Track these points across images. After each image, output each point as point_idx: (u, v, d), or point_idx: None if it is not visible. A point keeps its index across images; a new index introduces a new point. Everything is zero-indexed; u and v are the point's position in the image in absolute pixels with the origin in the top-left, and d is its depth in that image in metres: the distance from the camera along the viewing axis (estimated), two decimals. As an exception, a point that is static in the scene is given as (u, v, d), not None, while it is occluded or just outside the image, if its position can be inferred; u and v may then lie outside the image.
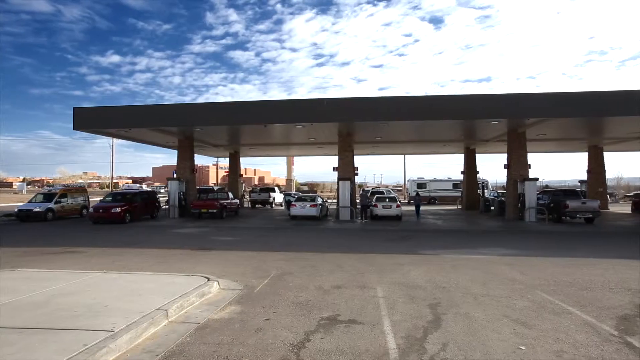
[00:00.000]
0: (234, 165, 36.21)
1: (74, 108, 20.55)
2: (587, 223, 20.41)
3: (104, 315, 5.49)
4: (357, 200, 24.91)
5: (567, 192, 23.46)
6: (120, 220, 20.29)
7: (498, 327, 5.50)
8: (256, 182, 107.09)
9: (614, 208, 32.98)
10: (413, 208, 26.08)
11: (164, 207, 25.32)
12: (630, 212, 27.24)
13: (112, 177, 64.44)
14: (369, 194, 26.97)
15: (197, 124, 21.09)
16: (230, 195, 26.59)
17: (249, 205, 35.60)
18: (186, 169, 25.36)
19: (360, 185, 52.71)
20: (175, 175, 25.60)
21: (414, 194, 34.34)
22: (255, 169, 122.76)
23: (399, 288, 7.58)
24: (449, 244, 13.79)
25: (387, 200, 23.17)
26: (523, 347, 4.80)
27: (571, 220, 21.18)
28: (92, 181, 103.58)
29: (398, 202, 22.87)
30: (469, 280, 8.28)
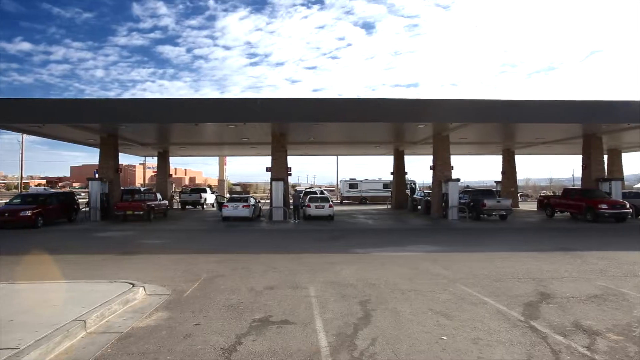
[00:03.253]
0: (163, 165, 34.58)
1: (-26, 99, 18.34)
2: (501, 220, 22.26)
3: (9, 331, 4.95)
4: (290, 201, 24.98)
5: (485, 192, 25.41)
6: (31, 225, 18.44)
7: (423, 319, 5.81)
8: (187, 182, 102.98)
9: (523, 206, 36.34)
10: (345, 208, 26.78)
11: (84, 209, 23.46)
12: (536, 209, 30.22)
13: (22, 177, 58.42)
14: (301, 195, 27.16)
15: (122, 121, 19.82)
16: (159, 196, 25.34)
17: (179, 207, 34.28)
18: (109, 169, 23.71)
19: (293, 186, 52.94)
20: (97, 175, 23.80)
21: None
22: (185, 169, 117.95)
23: (331, 287, 7.72)
24: (379, 243, 14.31)
25: (319, 200, 23.48)
26: (445, 337, 5.12)
27: (488, 218, 22.97)
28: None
29: (330, 203, 23.28)
30: (397, 276, 8.66)
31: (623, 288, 7.59)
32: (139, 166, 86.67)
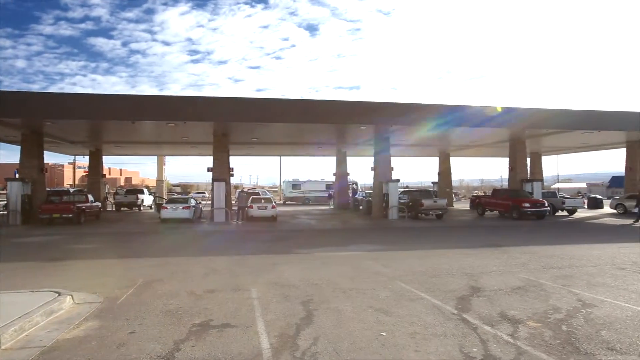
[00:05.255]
0: (95, 165, 32.48)
1: None
2: (437, 219, 23.40)
3: None
4: (234, 202, 24.57)
5: (423, 192, 26.58)
6: (-62, 230, 16.52)
7: (364, 317, 5.96)
8: (122, 183, 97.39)
9: (457, 205, 38.52)
10: (289, 208, 26.80)
11: (1, 212, 21.42)
12: (469, 208, 32.15)
13: None
14: (245, 195, 26.81)
15: (48, 117, 18.33)
16: (90, 197, 23.75)
17: (113, 209, 32.44)
18: (33, 168, 21.82)
19: (236, 187, 52.01)
20: (17, 175, 21.84)
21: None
22: (121, 169, 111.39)
23: (273, 288, 7.69)
24: (322, 243, 14.47)
25: (262, 201, 23.30)
26: (384, 333, 5.29)
27: (425, 217, 24.04)
28: None
29: (273, 203, 23.18)
30: (339, 275, 8.81)
31: (541, 279, 8.30)
32: (68, 165, 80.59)
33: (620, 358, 4.51)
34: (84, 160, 44.68)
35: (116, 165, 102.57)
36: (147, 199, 34.23)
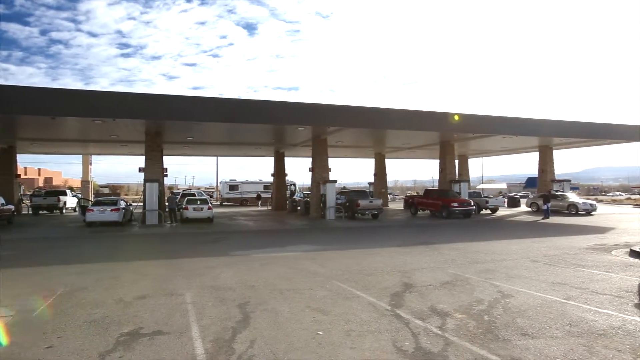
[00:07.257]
0: (8, 164, 29.42)
1: None
2: (373, 218, 24.13)
3: None
4: (166, 204, 23.57)
5: (359, 193, 27.28)
6: None
7: (301, 317, 5.99)
8: (41, 184, 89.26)
9: (392, 205, 40.05)
10: (226, 210, 26.27)
11: None
12: (403, 208, 33.57)
13: None
14: (178, 197, 25.88)
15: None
16: (1, 200, 21.50)
17: (30, 212, 29.68)
18: None
19: (170, 187, 49.98)
20: None
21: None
22: (39, 169, 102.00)
23: (208, 292, 7.47)
24: (259, 244, 14.34)
25: (198, 202, 22.60)
26: (321, 332, 5.36)
27: (362, 217, 24.69)
28: None
29: (209, 205, 22.57)
30: (277, 276, 8.78)
31: (467, 274, 8.89)
32: (-26, 164, 72.27)
33: (532, 342, 4.96)
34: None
35: (34, 164, 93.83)
36: (70, 201, 31.75)
